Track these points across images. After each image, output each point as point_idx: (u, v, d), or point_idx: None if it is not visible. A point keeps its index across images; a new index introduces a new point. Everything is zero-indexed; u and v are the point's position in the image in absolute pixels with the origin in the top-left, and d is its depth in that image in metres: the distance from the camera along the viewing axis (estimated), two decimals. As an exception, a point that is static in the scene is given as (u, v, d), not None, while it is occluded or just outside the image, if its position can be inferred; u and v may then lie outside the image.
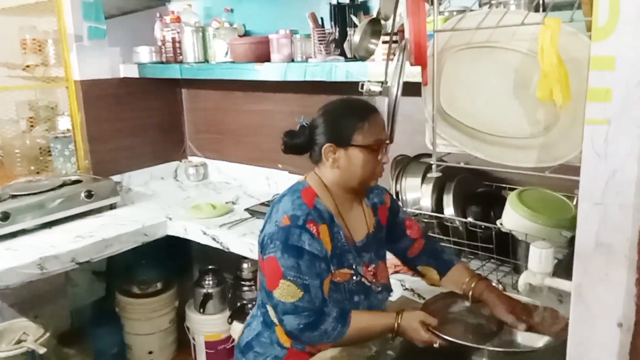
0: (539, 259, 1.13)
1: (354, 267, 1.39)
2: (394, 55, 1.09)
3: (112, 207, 2.62)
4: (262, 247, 1.34)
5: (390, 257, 1.65)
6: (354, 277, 1.39)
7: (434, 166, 1.06)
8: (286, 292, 1.28)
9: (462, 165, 1.09)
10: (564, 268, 1.30)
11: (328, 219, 1.36)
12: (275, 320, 1.35)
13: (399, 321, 1.30)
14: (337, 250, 1.36)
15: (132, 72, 2.88)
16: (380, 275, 1.48)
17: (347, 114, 1.35)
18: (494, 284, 1.44)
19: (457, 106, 1.06)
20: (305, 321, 1.28)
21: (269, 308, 1.37)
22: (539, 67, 0.94)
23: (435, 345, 1.26)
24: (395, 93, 1.04)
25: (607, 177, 0.77)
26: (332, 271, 1.34)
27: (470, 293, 1.42)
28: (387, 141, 1.37)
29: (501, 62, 1.09)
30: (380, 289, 1.46)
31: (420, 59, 1.01)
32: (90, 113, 2.83)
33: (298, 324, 1.29)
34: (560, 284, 1.12)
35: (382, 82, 1.17)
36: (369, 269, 1.43)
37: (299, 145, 1.40)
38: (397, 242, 1.56)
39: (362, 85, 1.27)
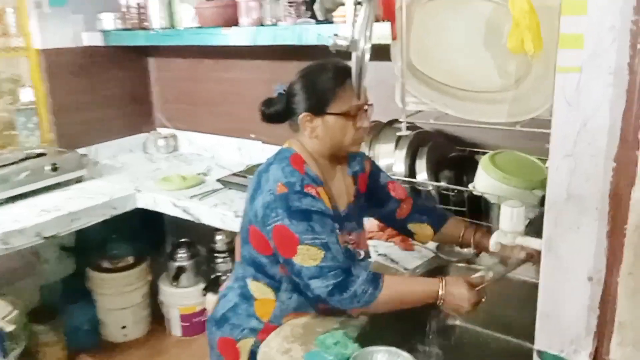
0: (510, 218, 1.11)
1: (343, 234, 1.37)
2: (360, 6, 1.04)
3: (78, 180, 2.54)
4: (263, 218, 1.27)
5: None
6: (345, 244, 1.37)
7: (403, 124, 1.03)
8: (307, 256, 1.22)
9: (431, 122, 1.06)
10: (535, 227, 1.29)
11: (320, 184, 1.32)
12: (302, 289, 1.29)
13: (444, 287, 1.24)
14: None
15: (97, 40, 2.77)
16: (362, 243, 1.48)
17: (323, 80, 1.30)
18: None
19: (427, 61, 1.02)
20: (333, 281, 1.22)
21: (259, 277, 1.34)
22: (511, 17, 0.91)
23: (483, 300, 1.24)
24: (362, 47, 1.00)
25: (579, 126, 0.75)
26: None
27: (471, 240, 1.46)
28: (367, 106, 1.32)
29: (472, 12, 1.04)
30: (363, 256, 1.46)
31: (388, 12, 0.97)
32: (54, 83, 2.72)
33: (326, 286, 1.22)
34: (531, 242, 1.11)
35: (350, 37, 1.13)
36: (351, 236, 1.42)
37: (276, 114, 1.36)
38: (383, 206, 1.53)
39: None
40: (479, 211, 1.68)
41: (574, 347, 0.82)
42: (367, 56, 1.01)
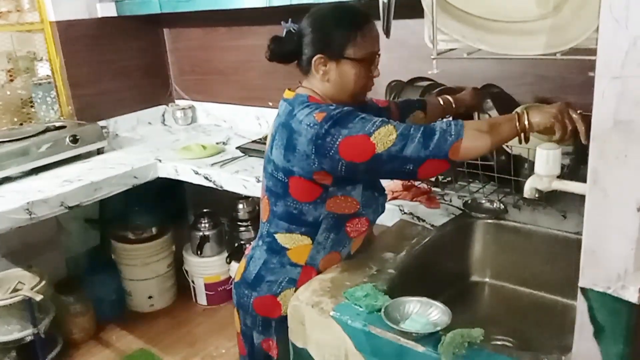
0: (547, 161, 1.07)
1: None
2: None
3: (99, 152, 2.54)
4: (317, 151, 1.20)
5: (386, 184, 1.62)
6: None
7: (434, 61, 0.99)
8: (383, 137, 1.16)
9: (465, 57, 1.02)
10: (570, 172, 1.25)
11: None
12: (411, 167, 1.19)
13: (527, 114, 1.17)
14: None
15: (110, 10, 2.75)
16: None
17: (339, 23, 1.26)
18: None
19: (458, -8, 0.98)
20: (418, 135, 1.16)
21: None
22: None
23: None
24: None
25: (627, 46, 0.70)
26: None
27: (451, 101, 1.60)
28: (379, 53, 1.29)
29: None
30: None
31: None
32: (70, 56, 2.70)
33: (417, 141, 1.16)
34: (569, 185, 1.06)
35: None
36: None
37: (287, 53, 1.30)
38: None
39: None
40: (509, 167, 1.63)
41: (622, 283, 0.78)
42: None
